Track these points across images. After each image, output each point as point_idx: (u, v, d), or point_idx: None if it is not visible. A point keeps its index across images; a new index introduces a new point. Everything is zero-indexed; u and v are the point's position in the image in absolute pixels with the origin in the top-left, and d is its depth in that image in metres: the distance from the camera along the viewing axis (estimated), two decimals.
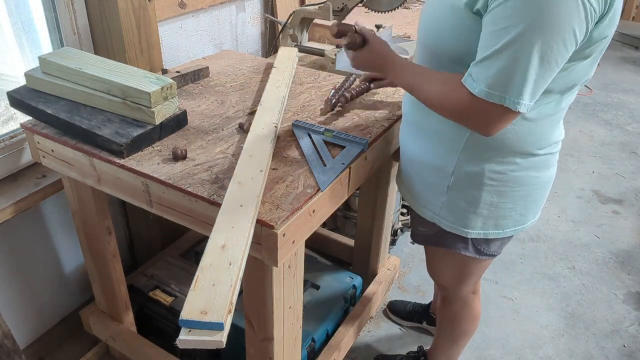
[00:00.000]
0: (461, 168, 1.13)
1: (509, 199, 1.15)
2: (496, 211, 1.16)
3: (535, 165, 1.13)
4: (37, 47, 1.59)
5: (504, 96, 0.89)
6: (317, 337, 1.64)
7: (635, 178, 2.99)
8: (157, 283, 1.69)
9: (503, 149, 1.08)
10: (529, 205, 1.18)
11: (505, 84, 0.88)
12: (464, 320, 1.49)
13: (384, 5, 1.82)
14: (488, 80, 0.90)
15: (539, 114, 1.04)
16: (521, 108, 0.90)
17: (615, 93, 4.11)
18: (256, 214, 0.97)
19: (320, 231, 2.15)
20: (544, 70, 0.88)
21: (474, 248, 1.24)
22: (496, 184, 1.13)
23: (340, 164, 1.17)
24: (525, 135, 1.07)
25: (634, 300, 2.13)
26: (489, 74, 0.89)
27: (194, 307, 0.79)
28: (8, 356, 1.24)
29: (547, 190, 1.21)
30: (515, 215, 1.18)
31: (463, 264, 1.31)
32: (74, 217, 1.49)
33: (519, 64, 0.86)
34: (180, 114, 1.28)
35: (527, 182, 1.14)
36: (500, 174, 1.11)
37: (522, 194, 1.15)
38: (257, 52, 2.34)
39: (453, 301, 1.46)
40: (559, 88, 1.01)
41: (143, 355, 1.59)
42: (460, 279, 1.37)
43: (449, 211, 1.19)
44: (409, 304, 1.96)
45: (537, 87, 0.90)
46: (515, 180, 1.12)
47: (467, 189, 1.14)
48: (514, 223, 1.20)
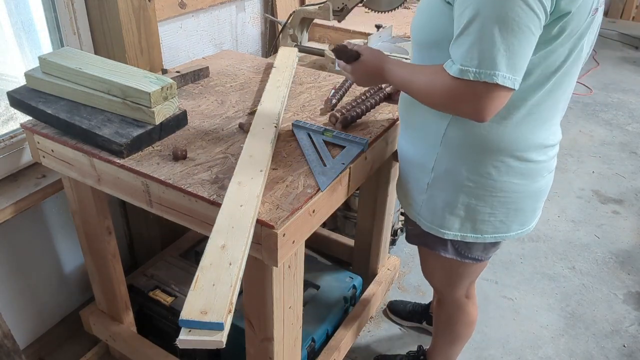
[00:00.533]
0: (440, 165, 1.12)
1: (487, 204, 1.12)
2: (473, 214, 1.14)
3: (518, 172, 1.09)
4: (37, 47, 1.59)
5: (479, 71, 0.87)
6: (317, 337, 1.64)
7: (635, 178, 2.99)
8: (157, 283, 1.69)
9: (480, 147, 1.06)
10: (510, 213, 1.14)
11: (476, 58, 0.87)
12: (458, 323, 1.47)
13: (384, 5, 1.82)
14: (461, 59, 0.89)
15: (516, 115, 1.02)
16: (500, 80, 0.86)
17: (615, 93, 4.11)
18: (256, 214, 0.97)
19: (320, 231, 2.15)
20: (513, 37, 0.85)
21: (454, 250, 1.22)
22: (474, 186, 1.10)
23: (340, 164, 1.17)
24: (498, 132, 1.03)
25: (634, 300, 2.13)
26: (461, 52, 0.89)
27: (194, 307, 0.79)
28: (8, 356, 1.24)
29: (536, 200, 1.16)
30: (495, 222, 1.15)
31: (450, 266, 1.30)
32: (74, 217, 1.49)
33: (484, 36, 0.86)
34: (180, 114, 1.28)
35: (508, 188, 1.10)
36: (479, 175, 1.09)
37: (502, 201, 1.12)
38: (257, 52, 2.34)
39: (447, 304, 1.45)
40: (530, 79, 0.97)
41: (143, 355, 1.59)
42: (451, 281, 1.36)
43: (428, 210, 1.19)
44: (409, 304, 1.96)
45: (511, 56, 0.86)
46: (493, 185, 1.09)
47: (445, 187, 1.14)
48: (494, 230, 1.16)
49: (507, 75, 0.87)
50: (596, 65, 4.62)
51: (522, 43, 0.87)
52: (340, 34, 2.22)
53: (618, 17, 6.06)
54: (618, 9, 6.05)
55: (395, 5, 1.81)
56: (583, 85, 4.17)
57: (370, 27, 2.16)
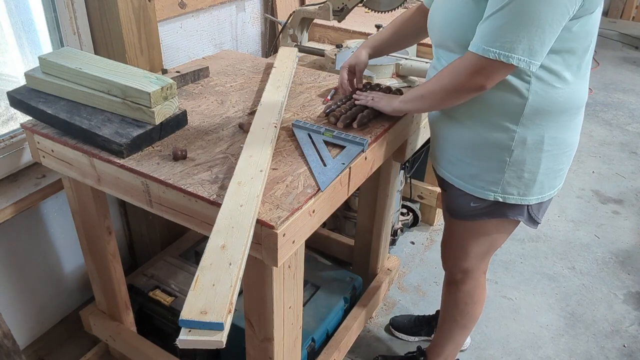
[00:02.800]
0: (521, 141, 1.18)
1: (559, 161, 1.23)
2: (553, 173, 1.24)
3: (578, 123, 1.23)
4: (37, 47, 1.59)
5: (499, 52, 1.01)
6: (317, 337, 1.64)
7: (635, 178, 2.99)
8: (157, 283, 1.69)
9: (559, 110, 1.16)
10: (568, 163, 1.28)
11: (499, 41, 1.01)
12: (476, 302, 1.52)
13: (384, 5, 1.82)
14: (485, 38, 1.03)
15: (576, 73, 1.13)
16: (517, 62, 1.01)
17: (615, 93, 4.11)
18: (256, 214, 0.97)
19: (320, 231, 2.15)
20: (538, 29, 0.98)
21: (529, 216, 1.30)
22: (552, 149, 1.20)
23: (340, 164, 1.17)
24: (569, 95, 1.15)
25: (634, 300, 2.13)
26: (487, 32, 1.03)
27: (194, 307, 0.79)
28: (8, 356, 1.24)
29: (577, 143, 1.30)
30: (562, 174, 1.27)
31: (497, 236, 1.37)
32: (74, 217, 1.49)
33: (508, 21, 0.99)
34: (180, 114, 1.28)
35: (572, 140, 1.24)
36: (556, 137, 1.19)
37: (569, 153, 1.25)
38: (257, 52, 2.34)
39: (466, 283, 1.49)
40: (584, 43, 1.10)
41: (143, 355, 1.59)
42: (485, 254, 1.42)
43: (511, 187, 1.24)
44: (413, 317, 1.93)
45: (533, 44, 1.00)
46: (565, 141, 1.21)
47: (528, 160, 1.20)
48: (560, 180, 1.29)
49: (524, 59, 1.01)
50: (596, 65, 4.62)
51: (547, 36, 1.00)
52: (340, 34, 2.22)
53: (618, 17, 6.06)
54: (618, 9, 6.06)
55: (395, 5, 1.81)
56: None
57: (370, 27, 2.16)
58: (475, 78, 1.07)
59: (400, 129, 1.44)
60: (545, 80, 1.12)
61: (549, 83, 1.12)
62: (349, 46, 1.89)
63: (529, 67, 1.02)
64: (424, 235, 2.44)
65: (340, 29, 2.21)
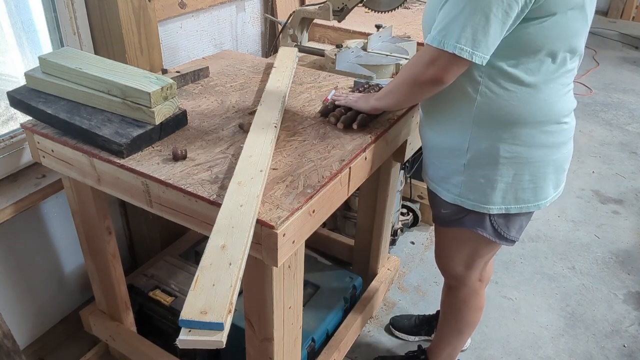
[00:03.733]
0: (475, 144, 1.17)
1: (525, 172, 1.18)
2: (515, 184, 1.19)
3: (550, 136, 1.16)
4: (37, 47, 1.59)
5: (444, 41, 1.01)
6: (317, 337, 1.64)
7: (635, 178, 2.99)
8: (157, 283, 1.69)
9: (512, 120, 1.12)
10: (547, 177, 1.20)
11: (445, 30, 1.01)
12: (471, 309, 1.51)
13: (384, 5, 1.82)
14: (436, 29, 1.04)
15: (536, 78, 1.09)
16: (459, 52, 1.00)
17: (615, 93, 4.11)
18: (256, 214, 0.97)
19: (320, 231, 2.15)
20: (482, 18, 0.98)
21: (493, 229, 1.26)
22: (511, 157, 1.16)
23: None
24: (526, 102, 1.10)
25: (634, 300, 2.13)
26: (438, 22, 1.04)
27: (194, 307, 0.79)
28: (8, 356, 1.24)
29: (565, 161, 1.23)
30: (535, 188, 1.21)
31: (475, 247, 1.34)
32: (74, 217, 1.49)
33: (456, 12, 1.00)
34: (180, 114, 1.28)
35: (542, 153, 1.17)
36: (515, 145, 1.15)
37: (539, 165, 1.18)
38: (257, 52, 2.34)
39: (459, 289, 1.48)
40: (546, 47, 1.06)
41: (143, 355, 1.59)
42: (471, 263, 1.39)
43: (469, 189, 1.22)
44: (413, 317, 1.93)
45: (476, 34, 0.99)
46: (529, 153, 1.16)
47: (483, 164, 1.18)
48: (535, 197, 1.22)
49: (468, 49, 1.00)
50: (596, 65, 4.62)
51: (492, 24, 0.98)
52: (340, 34, 2.22)
53: (618, 17, 6.06)
54: (618, 9, 6.06)
55: (395, 5, 1.81)
56: (583, 85, 4.17)
57: (370, 27, 2.16)
58: (430, 69, 1.07)
59: (400, 129, 1.44)
60: (497, 81, 1.10)
61: (500, 85, 1.10)
62: (349, 46, 1.89)
63: (471, 57, 1.00)
64: (424, 235, 2.44)
65: (340, 29, 2.21)
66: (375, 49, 1.95)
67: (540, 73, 1.09)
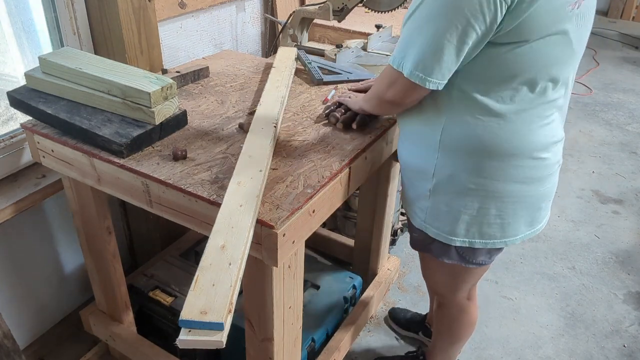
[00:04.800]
0: (440, 170, 1.11)
1: (492, 206, 1.10)
2: (479, 218, 1.12)
3: (521, 172, 1.07)
4: (37, 47, 1.59)
5: (403, 63, 1.01)
6: (317, 337, 1.64)
7: (635, 178, 2.99)
8: (157, 283, 1.69)
9: (478, 149, 1.05)
10: (517, 214, 1.12)
11: (404, 52, 1.01)
12: (460, 325, 1.48)
13: (384, 6, 1.82)
14: (397, 49, 1.04)
15: (507, 107, 1.02)
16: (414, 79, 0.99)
17: (615, 93, 4.11)
18: (256, 214, 0.97)
19: (320, 231, 2.15)
20: (435, 44, 0.95)
21: (459, 256, 1.21)
22: (476, 188, 1.09)
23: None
24: (493, 132, 1.03)
25: (634, 300, 2.13)
26: (399, 42, 1.04)
27: (194, 307, 0.79)
28: (8, 356, 1.24)
29: (541, 199, 1.14)
30: (503, 224, 1.13)
31: (454, 271, 1.29)
32: (74, 217, 1.49)
33: (412, 35, 0.99)
34: (180, 114, 1.28)
35: (512, 189, 1.09)
36: (481, 177, 1.08)
37: (507, 201, 1.10)
38: (257, 52, 2.34)
39: (449, 307, 1.45)
40: (521, 74, 0.99)
41: (143, 355, 1.59)
42: (454, 286, 1.35)
43: (433, 217, 1.17)
44: (409, 312, 1.93)
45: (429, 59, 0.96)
46: (496, 187, 1.08)
47: (447, 192, 1.12)
48: (502, 233, 1.14)
49: (417, 73, 0.99)
50: (596, 65, 4.62)
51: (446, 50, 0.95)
52: (340, 34, 2.22)
53: (618, 17, 6.06)
54: (618, 9, 6.05)
55: (395, 5, 1.81)
56: (583, 85, 4.18)
57: (370, 27, 2.16)
58: (390, 91, 1.08)
59: None
60: (465, 106, 1.03)
61: (467, 111, 1.03)
62: (349, 46, 1.89)
63: (424, 84, 0.98)
64: None
65: (340, 29, 2.21)
66: (375, 49, 1.95)
67: (513, 102, 1.01)
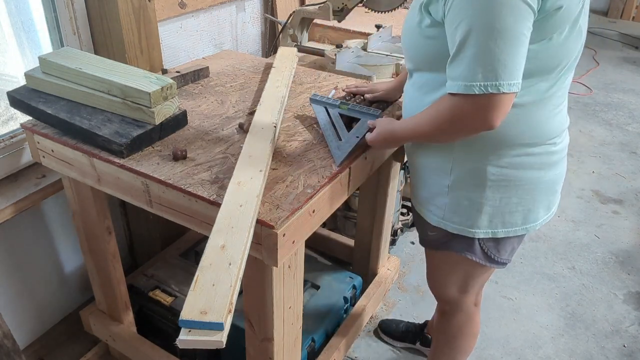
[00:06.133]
0: (458, 165, 1.12)
1: (513, 194, 1.12)
2: (501, 207, 1.14)
3: (538, 158, 1.10)
4: (37, 47, 1.59)
5: (484, 84, 0.90)
6: (317, 337, 1.64)
7: (635, 178, 2.99)
8: (157, 283, 1.69)
9: (496, 141, 1.07)
10: (537, 199, 1.15)
11: (480, 72, 0.90)
12: (465, 336, 1.45)
13: (384, 5, 1.82)
14: (463, 76, 0.92)
15: (525, 99, 1.03)
16: (506, 88, 0.90)
17: (615, 93, 4.11)
18: (256, 214, 0.97)
19: (320, 231, 2.15)
20: (509, 45, 0.89)
21: (483, 253, 1.21)
22: (496, 179, 1.10)
23: (354, 137, 1.23)
24: (514, 122, 1.04)
25: (634, 300, 2.13)
26: (462, 69, 0.93)
27: (194, 307, 0.79)
28: (8, 356, 1.24)
29: (557, 182, 1.18)
30: (524, 211, 1.15)
31: (469, 270, 1.28)
32: (74, 217, 1.49)
33: (481, 49, 0.90)
34: (180, 114, 1.28)
35: (531, 175, 1.12)
36: (500, 167, 1.10)
37: (527, 188, 1.13)
38: (257, 52, 2.34)
39: (454, 315, 1.41)
40: (537, 70, 1.01)
41: (143, 355, 1.59)
42: (465, 287, 1.34)
43: (453, 212, 1.17)
44: (402, 323, 1.89)
45: (510, 63, 0.90)
46: (516, 175, 1.10)
47: (467, 186, 1.13)
48: (524, 220, 1.16)
49: (510, 82, 0.91)
50: (596, 65, 4.62)
51: (518, 48, 0.90)
52: (340, 34, 2.22)
53: (618, 17, 6.06)
54: (618, 9, 6.06)
55: (395, 5, 1.81)
56: (583, 85, 4.17)
57: (370, 27, 2.16)
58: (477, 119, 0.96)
59: None
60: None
61: None
62: (349, 46, 1.89)
63: (519, 89, 0.93)
64: None
65: (340, 29, 2.21)
66: (375, 49, 1.95)
67: (530, 94, 1.03)
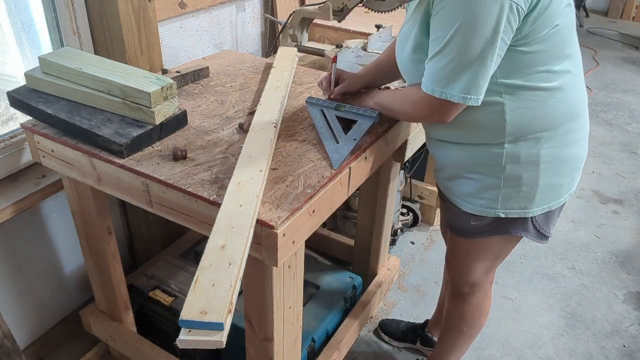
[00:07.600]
0: (511, 157, 1.16)
1: (563, 170, 1.20)
2: (556, 186, 1.21)
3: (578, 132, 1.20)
4: (37, 47, 1.59)
5: (444, 91, 1.05)
6: (317, 337, 1.64)
7: (635, 178, 2.99)
8: (157, 283, 1.69)
9: (546, 123, 1.14)
10: (575, 169, 1.24)
11: (443, 81, 1.04)
12: (483, 313, 1.50)
13: (384, 6, 1.82)
14: (432, 79, 1.06)
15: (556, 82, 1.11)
16: (461, 100, 1.04)
17: (615, 93, 4.11)
18: (256, 214, 0.97)
19: (320, 231, 2.15)
20: (479, 64, 1.01)
21: (535, 230, 1.26)
22: (549, 160, 1.17)
23: (351, 140, 1.22)
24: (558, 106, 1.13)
25: (634, 300, 2.13)
26: (431, 72, 1.06)
27: (194, 307, 0.79)
28: (8, 356, 1.24)
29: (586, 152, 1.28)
30: (567, 180, 1.23)
31: (501, 250, 1.34)
32: (74, 217, 1.49)
33: (455, 62, 1.02)
34: (180, 114, 1.28)
35: (574, 149, 1.21)
36: (552, 148, 1.16)
37: (571, 161, 1.21)
38: (257, 52, 2.34)
39: (473, 295, 1.45)
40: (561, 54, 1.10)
41: (143, 355, 1.59)
42: (491, 267, 1.40)
43: (510, 201, 1.21)
44: (402, 323, 1.90)
45: (473, 80, 1.02)
46: (563, 152, 1.18)
47: (523, 175, 1.17)
48: (568, 188, 1.25)
49: (466, 96, 1.04)
50: (596, 65, 4.62)
51: (488, 68, 1.02)
52: (340, 34, 2.22)
53: (618, 17, 6.06)
54: (618, 9, 6.06)
55: (395, 5, 1.81)
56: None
57: (370, 27, 2.16)
58: (434, 116, 1.12)
59: (400, 129, 1.44)
60: (520, 95, 1.10)
61: (525, 97, 1.10)
62: (349, 46, 1.89)
63: (477, 103, 1.05)
64: (424, 235, 2.44)
65: (340, 29, 2.21)
66: (375, 49, 1.95)
67: (564, 77, 1.12)
